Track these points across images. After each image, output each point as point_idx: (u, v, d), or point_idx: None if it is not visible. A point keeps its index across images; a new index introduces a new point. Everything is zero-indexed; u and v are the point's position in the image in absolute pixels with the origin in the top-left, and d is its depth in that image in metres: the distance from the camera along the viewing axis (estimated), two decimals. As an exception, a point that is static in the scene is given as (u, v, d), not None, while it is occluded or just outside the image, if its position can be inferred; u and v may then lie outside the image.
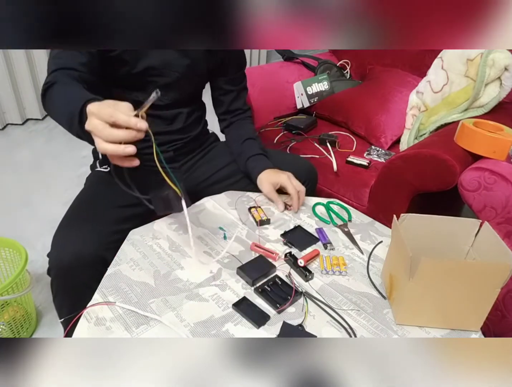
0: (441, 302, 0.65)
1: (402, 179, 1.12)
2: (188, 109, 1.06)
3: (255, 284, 0.74)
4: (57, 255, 0.81)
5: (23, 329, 1.19)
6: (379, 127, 1.48)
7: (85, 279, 0.82)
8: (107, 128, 0.59)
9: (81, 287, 0.82)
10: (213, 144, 1.17)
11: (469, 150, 1.07)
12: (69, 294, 0.86)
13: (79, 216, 0.88)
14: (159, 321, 0.66)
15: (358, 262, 0.82)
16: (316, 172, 1.15)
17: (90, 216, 0.88)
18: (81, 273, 0.81)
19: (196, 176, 1.10)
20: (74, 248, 0.81)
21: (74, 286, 0.83)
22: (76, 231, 0.83)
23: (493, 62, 1.21)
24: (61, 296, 0.88)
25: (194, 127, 1.10)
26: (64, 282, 0.84)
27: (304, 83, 1.69)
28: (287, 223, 0.93)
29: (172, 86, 0.99)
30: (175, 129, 1.05)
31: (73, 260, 0.80)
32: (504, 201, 0.92)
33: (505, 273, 0.61)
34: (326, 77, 1.76)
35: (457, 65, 1.31)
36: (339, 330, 0.67)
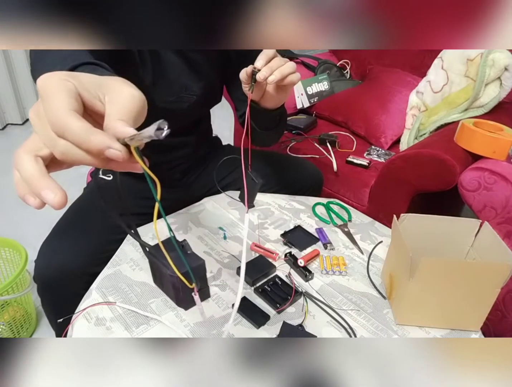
0: (441, 302, 0.65)
1: (402, 179, 1.12)
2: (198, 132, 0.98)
3: (255, 284, 0.74)
4: (43, 265, 0.78)
5: (23, 329, 1.19)
6: (379, 127, 1.48)
7: (72, 290, 0.79)
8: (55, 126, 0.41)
9: (68, 297, 0.79)
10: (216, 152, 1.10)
11: (469, 150, 1.07)
12: (55, 304, 0.84)
13: (70, 227, 0.85)
14: (159, 321, 0.66)
15: (358, 262, 0.82)
16: (322, 177, 1.13)
17: (81, 227, 0.84)
18: (67, 286, 0.79)
19: (199, 186, 1.06)
20: (61, 261, 0.78)
21: (60, 296, 0.81)
22: (65, 243, 0.80)
23: (493, 62, 1.21)
24: (47, 304, 0.86)
25: (202, 147, 1.03)
26: (49, 292, 0.82)
27: (304, 83, 1.69)
28: (287, 223, 0.93)
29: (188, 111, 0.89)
30: (183, 155, 0.98)
31: (58, 274, 0.78)
32: (504, 201, 0.92)
33: (505, 273, 0.61)
34: (326, 77, 1.76)
35: (457, 65, 1.31)
36: (339, 330, 0.67)
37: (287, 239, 0.87)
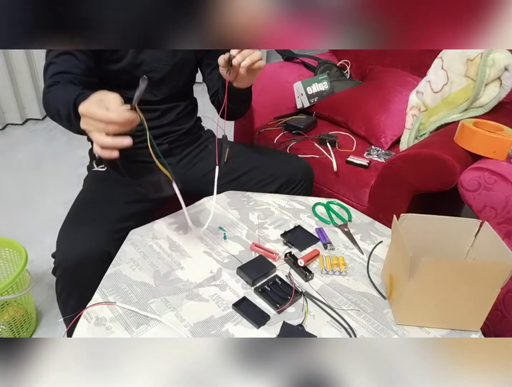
0: (441, 302, 0.65)
1: (402, 179, 1.12)
2: (180, 103, 1.08)
3: (255, 284, 0.74)
4: (64, 254, 0.82)
5: (23, 329, 1.18)
6: (379, 127, 1.48)
7: (91, 276, 0.82)
8: (101, 124, 0.61)
9: (87, 285, 0.82)
10: (210, 140, 1.18)
11: (469, 150, 1.07)
12: (75, 292, 0.87)
13: (82, 215, 0.89)
14: (159, 321, 0.66)
15: (358, 262, 0.82)
16: (312, 171, 1.16)
17: (93, 214, 0.89)
18: (88, 270, 0.82)
19: (194, 172, 1.11)
20: (81, 246, 0.82)
21: (81, 284, 0.84)
22: (82, 229, 0.84)
23: (493, 62, 1.21)
24: (67, 294, 0.89)
25: (187, 120, 1.12)
26: (70, 280, 0.85)
27: (304, 83, 1.69)
28: (287, 223, 0.93)
29: (165, 80, 1.01)
30: (168, 122, 1.06)
31: (81, 258, 0.81)
32: (504, 201, 0.92)
33: (505, 273, 0.61)
34: (326, 77, 1.75)
35: (457, 65, 1.31)
36: (339, 330, 0.67)
37: (287, 239, 0.87)
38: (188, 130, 1.12)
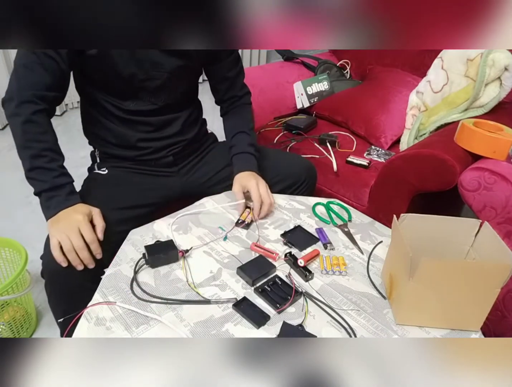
0: (441, 302, 0.65)
1: (402, 179, 1.12)
2: (183, 111, 1.04)
3: (255, 284, 0.74)
4: (49, 258, 0.79)
5: (23, 329, 1.19)
6: (379, 127, 1.48)
7: (79, 281, 0.81)
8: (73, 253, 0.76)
9: (75, 289, 0.81)
10: (212, 145, 1.16)
11: (469, 150, 1.07)
12: (63, 297, 0.85)
13: None
14: (159, 321, 0.66)
15: (358, 262, 0.82)
16: (315, 171, 1.15)
17: None
18: (74, 276, 0.80)
19: (196, 178, 1.09)
20: None
21: (67, 288, 0.82)
22: None
23: (493, 62, 1.21)
24: (55, 298, 0.87)
25: (192, 129, 1.08)
26: (57, 285, 0.83)
27: (304, 83, 1.69)
28: (287, 223, 0.93)
29: (164, 88, 0.96)
30: (172, 133, 1.03)
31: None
32: (504, 201, 0.92)
33: (505, 273, 0.61)
34: (326, 77, 1.75)
35: (457, 65, 1.31)
36: (339, 330, 0.67)
37: (287, 239, 0.87)
38: (193, 138, 1.09)
